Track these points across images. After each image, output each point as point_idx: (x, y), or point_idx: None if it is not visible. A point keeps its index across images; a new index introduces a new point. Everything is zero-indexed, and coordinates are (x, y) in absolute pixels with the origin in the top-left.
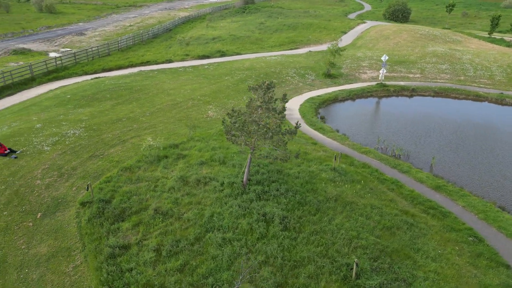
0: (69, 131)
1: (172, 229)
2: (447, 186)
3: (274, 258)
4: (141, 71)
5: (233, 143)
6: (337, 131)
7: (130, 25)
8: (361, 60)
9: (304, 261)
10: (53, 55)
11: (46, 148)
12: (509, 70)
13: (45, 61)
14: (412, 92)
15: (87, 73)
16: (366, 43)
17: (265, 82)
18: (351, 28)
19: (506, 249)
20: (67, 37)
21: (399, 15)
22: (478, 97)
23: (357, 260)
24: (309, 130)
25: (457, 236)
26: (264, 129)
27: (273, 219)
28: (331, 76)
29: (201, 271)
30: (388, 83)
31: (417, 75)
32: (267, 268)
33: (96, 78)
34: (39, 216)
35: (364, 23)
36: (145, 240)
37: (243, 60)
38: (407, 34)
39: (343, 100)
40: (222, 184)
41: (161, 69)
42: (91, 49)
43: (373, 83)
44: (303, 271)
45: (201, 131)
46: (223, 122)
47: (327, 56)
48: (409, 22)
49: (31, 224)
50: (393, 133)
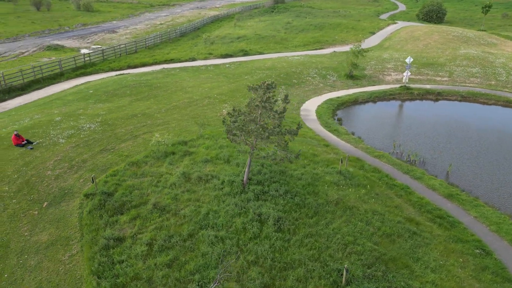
0: (85, 125)
1: (167, 225)
2: (460, 195)
3: (264, 258)
4: (164, 68)
5: (232, 142)
6: (353, 133)
7: (160, 24)
8: (386, 61)
9: (294, 263)
10: (84, 51)
11: (61, 140)
12: None
13: (74, 57)
14: (437, 96)
15: (113, 70)
16: (394, 44)
17: (265, 82)
18: (380, 28)
19: None
20: (100, 35)
21: (433, 16)
22: (508, 103)
23: (346, 266)
24: (323, 131)
25: (463, 247)
26: (260, 128)
27: (268, 219)
28: (353, 77)
29: (189, 267)
30: (412, 86)
31: (445, 79)
32: (256, 268)
33: (120, 74)
34: (45, 205)
35: (395, 23)
36: (140, 233)
37: (265, 59)
38: (439, 35)
39: (364, 102)
40: (222, 182)
41: (184, 67)
42: (118, 47)
43: (397, 86)
44: (292, 273)
45: (212, 129)
46: (223, 121)
47: (349, 57)
48: (443, 23)
49: (36, 212)
50: (411, 138)
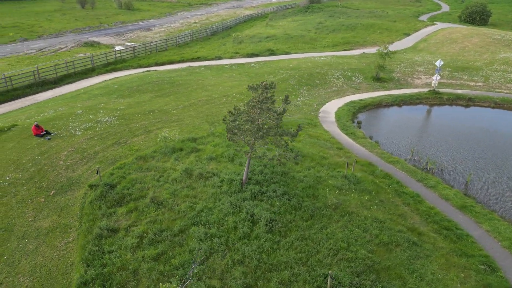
0: (102, 119)
1: (161, 219)
2: (474, 207)
3: (250, 259)
4: (189, 66)
5: (230, 140)
6: (370, 137)
7: (194, 22)
8: (417, 64)
9: (281, 266)
10: (118, 48)
11: (77, 132)
12: None
13: (106, 53)
14: (468, 101)
15: (141, 66)
16: (428, 47)
17: (263, 82)
18: (416, 30)
19: None
20: (135, 32)
21: (477, 18)
22: None
23: (331, 272)
24: (339, 134)
25: (466, 262)
26: (255, 128)
27: (260, 220)
28: (379, 79)
29: (174, 262)
30: (442, 90)
31: (479, 84)
32: (241, 268)
33: (147, 71)
34: (52, 193)
35: (433, 25)
36: (134, 226)
37: (290, 59)
38: (478, 38)
39: (388, 105)
40: (222, 180)
41: (208, 65)
42: (149, 44)
43: (425, 90)
44: (277, 276)
45: (223, 127)
46: (224, 120)
47: (376, 58)
48: (487, 25)
49: (43, 200)
50: (433, 145)
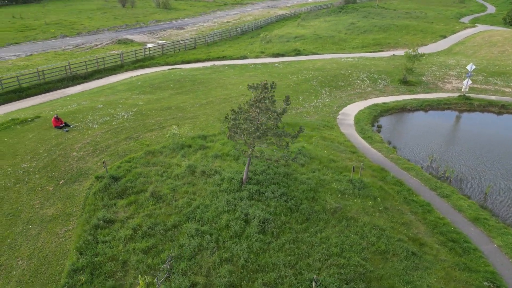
0: (120, 113)
1: (157, 213)
2: (488, 220)
3: (238, 258)
4: (214, 65)
5: (229, 139)
6: (389, 142)
7: (227, 22)
8: (450, 68)
9: (268, 267)
10: (149, 46)
11: (94, 126)
12: None
13: (135, 51)
14: (501, 108)
15: (168, 64)
16: (465, 50)
17: (263, 82)
18: (454, 32)
19: None
20: (168, 31)
21: None
22: None
23: (316, 277)
24: (355, 137)
25: (469, 277)
26: (252, 127)
27: (253, 220)
28: (407, 83)
29: (163, 256)
30: (473, 96)
31: None
32: (228, 266)
33: (172, 69)
34: (61, 182)
35: (473, 27)
36: (131, 219)
37: (316, 60)
38: None
39: (413, 110)
40: (222, 179)
41: (233, 64)
42: (178, 43)
43: (455, 95)
44: (262, 277)
45: None
46: (226, 118)
47: (403, 61)
48: None
49: (52, 188)
50: (455, 153)
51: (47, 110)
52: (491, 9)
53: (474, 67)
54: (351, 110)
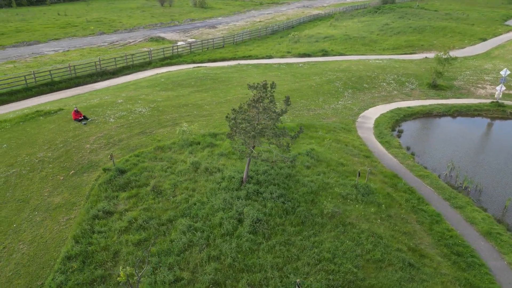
0: (137, 109)
1: (155, 207)
2: (502, 234)
3: (226, 256)
4: (238, 64)
5: (228, 137)
6: (408, 148)
7: (259, 21)
8: (485, 72)
9: (254, 268)
10: (180, 44)
11: (111, 120)
12: None
13: (163, 48)
14: None
15: (194, 62)
16: (504, 54)
17: (263, 81)
18: (495, 35)
19: None
20: (200, 30)
21: None
22: None
23: (299, 281)
24: (372, 141)
25: None
26: (248, 127)
27: (246, 220)
28: (436, 87)
29: (153, 249)
30: (507, 103)
31: None
32: (214, 264)
33: (197, 67)
34: (71, 173)
35: None
36: (129, 211)
37: (342, 61)
38: None
39: (439, 115)
40: (223, 177)
41: (257, 64)
42: (206, 41)
43: (488, 101)
44: (247, 277)
45: None
46: (227, 117)
47: (433, 64)
48: None
49: (62, 178)
50: (478, 162)
51: (72, 103)
52: None
53: (508, 72)
54: (373, 113)
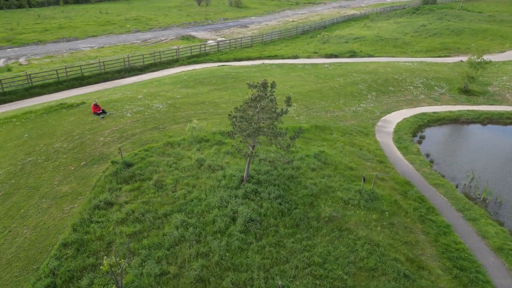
0: (155, 105)
1: (153, 201)
2: None
3: (214, 254)
4: (263, 63)
5: (228, 136)
6: (427, 155)
7: (292, 21)
8: None
9: (241, 267)
10: (210, 43)
11: (128, 114)
12: None
13: (191, 46)
14: None
15: (220, 61)
16: None
17: (262, 80)
18: None
19: None
20: (232, 29)
21: None
22: None
23: (281, 283)
24: (390, 146)
25: None
26: (244, 125)
27: (239, 219)
28: (468, 92)
29: (145, 242)
30: None
31: None
32: (201, 260)
33: (221, 65)
34: (82, 164)
35: None
36: (129, 203)
37: (369, 63)
38: None
39: (467, 122)
40: (224, 175)
41: (282, 63)
42: (234, 40)
43: None
44: (232, 276)
45: None
46: (229, 115)
47: (465, 68)
48: None
49: (73, 168)
50: (503, 174)
51: (95, 97)
52: None
53: None
54: (395, 117)
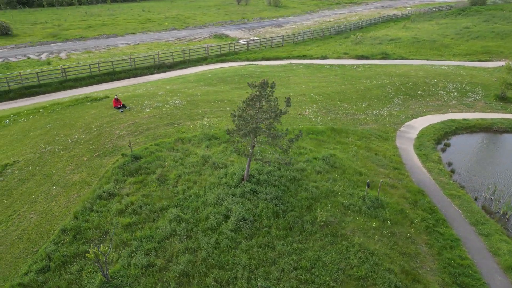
0: (174, 101)
1: (154, 195)
2: None
3: (202, 250)
4: (290, 63)
5: (228, 134)
6: (449, 164)
7: (329, 21)
8: None
9: (227, 265)
10: (242, 42)
11: (146, 109)
12: None
13: (220, 45)
14: None
15: (248, 60)
16: None
17: (262, 80)
18: None
19: None
20: (266, 28)
21: None
22: None
23: (260, 284)
24: (409, 153)
25: None
26: (241, 124)
27: (232, 217)
28: (505, 99)
29: (138, 234)
30: None
31: None
32: (189, 256)
33: (248, 64)
34: (95, 155)
35: None
36: (130, 195)
37: (401, 65)
38: None
39: (500, 131)
40: (226, 173)
41: (309, 64)
42: (265, 40)
43: None
44: (217, 273)
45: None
46: (232, 114)
47: (503, 74)
48: None
49: (86, 159)
50: None
51: (119, 92)
52: None
53: None
54: (420, 123)
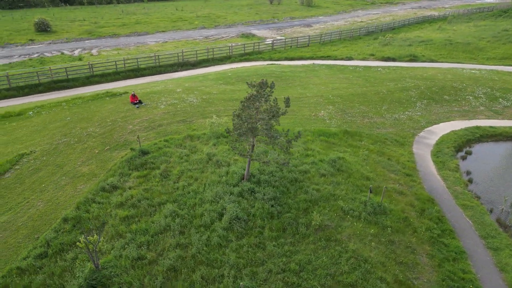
0: (189, 99)
1: (154, 190)
2: None
3: (192, 247)
4: (312, 63)
5: (227, 133)
6: (467, 172)
7: (361, 21)
8: None
9: (215, 263)
10: (267, 41)
11: (161, 106)
12: None
13: (244, 44)
14: None
15: (271, 59)
16: None
17: (262, 79)
18: None
19: None
20: (295, 28)
21: None
22: None
23: (242, 284)
24: (425, 159)
25: None
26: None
27: (226, 216)
28: None
29: (133, 227)
30: None
31: None
32: (179, 251)
33: (270, 64)
34: (106, 148)
35: None
36: (132, 189)
37: (429, 68)
38: None
39: None
40: (227, 172)
41: (332, 64)
42: (290, 39)
43: None
44: (204, 270)
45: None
46: (233, 113)
47: None
48: None
49: (97, 151)
50: None
51: (139, 88)
52: None
53: None
54: (441, 128)
